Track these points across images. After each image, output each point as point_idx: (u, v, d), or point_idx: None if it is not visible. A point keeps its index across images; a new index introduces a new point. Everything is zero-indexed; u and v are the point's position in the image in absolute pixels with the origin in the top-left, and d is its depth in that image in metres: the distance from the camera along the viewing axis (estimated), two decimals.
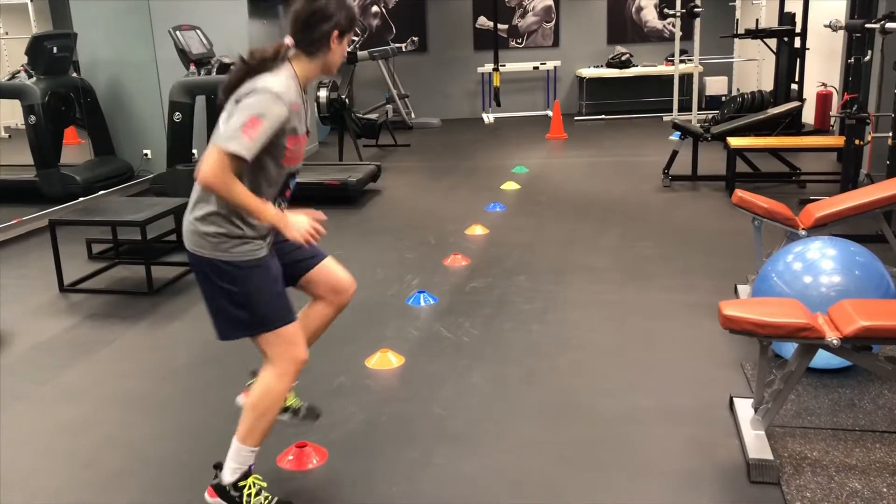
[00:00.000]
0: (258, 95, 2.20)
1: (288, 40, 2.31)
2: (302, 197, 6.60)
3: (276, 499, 2.46)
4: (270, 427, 2.43)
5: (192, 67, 6.88)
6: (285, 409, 2.72)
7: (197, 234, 2.31)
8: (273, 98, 2.19)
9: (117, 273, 5.00)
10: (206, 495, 2.48)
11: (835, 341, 2.50)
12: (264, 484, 2.47)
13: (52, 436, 3.06)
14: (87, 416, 3.20)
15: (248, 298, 2.32)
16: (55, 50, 7.03)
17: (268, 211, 2.25)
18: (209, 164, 2.16)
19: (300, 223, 2.31)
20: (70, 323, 4.23)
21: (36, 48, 6.96)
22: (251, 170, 2.26)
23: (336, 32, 2.30)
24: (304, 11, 2.28)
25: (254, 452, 2.42)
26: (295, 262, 2.53)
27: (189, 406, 3.28)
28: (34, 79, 6.91)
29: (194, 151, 7.12)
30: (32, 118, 6.80)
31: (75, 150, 8.45)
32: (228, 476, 2.42)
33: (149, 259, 4.67)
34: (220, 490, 2.44)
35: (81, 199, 6.59)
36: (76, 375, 3.59)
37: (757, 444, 2.66)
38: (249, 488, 2.41)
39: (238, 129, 2.16)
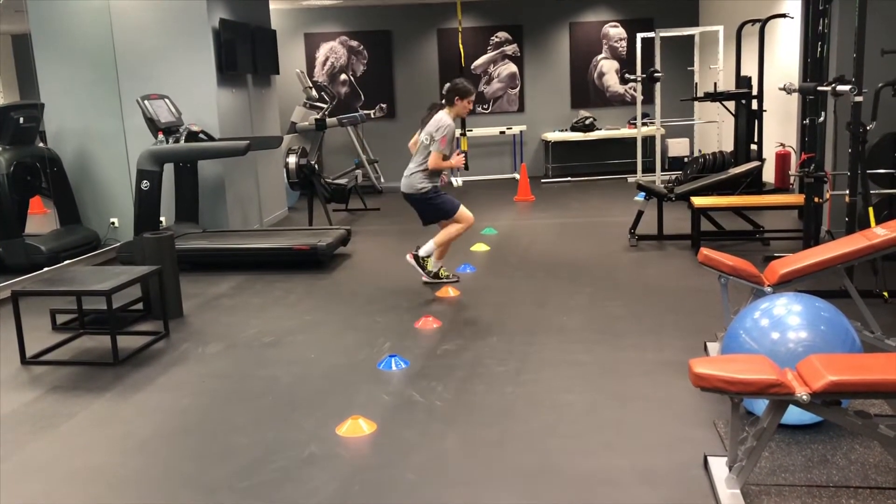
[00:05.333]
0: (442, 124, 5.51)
1: (443, 101, 5.66)
2: (271, 262, 6.57)
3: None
4: (445, 246, 5.73)
5: (161, 136, 6.90)
6: (438, 275, 5.85)
7: (415, 183, 5.59)
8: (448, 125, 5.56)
9: (82, 344, 4.91)
10: (408, 256, 5.73)
11: (804, 397, 2.52)
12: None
13: None
14: (50, 492, 3.09)
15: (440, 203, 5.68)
16: (21, 120, 7.02)
17: (450, 162, 5.56)
18: (434, 159, 5.44)
19: (458, 162, 5.62)
20: (32, 396, 4.12)
21: (2, 119, 6.95)
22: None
23: (457, 97, 5.53)
24: (447, 89, 5.61)
25: (433, 252, 5.68)
26: None
27: (156, 479, 3.19)
28: None
29: (162, 219, 7.08)
30: None
31: (41, 219, 8.37)
32: (422, 252, 5.67)
33: (114, 329, 4.59)
34: (416, 258, 5.68)
35: (46, 269, 6.49)
36: (39, 450, 3.48)
37: None
38: (427, 261, 5.68)
39: (439, 142, 5.45)
